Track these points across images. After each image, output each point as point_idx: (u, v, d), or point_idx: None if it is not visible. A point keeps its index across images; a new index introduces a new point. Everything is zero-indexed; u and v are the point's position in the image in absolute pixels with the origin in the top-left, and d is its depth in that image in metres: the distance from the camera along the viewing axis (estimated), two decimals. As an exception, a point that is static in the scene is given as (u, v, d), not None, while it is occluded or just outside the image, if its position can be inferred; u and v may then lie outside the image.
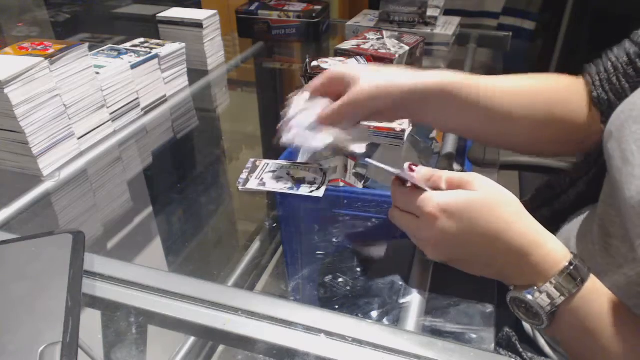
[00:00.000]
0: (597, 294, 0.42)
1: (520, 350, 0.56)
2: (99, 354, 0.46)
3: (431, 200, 0.45)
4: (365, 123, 0.68)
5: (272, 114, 1.13)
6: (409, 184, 0.49)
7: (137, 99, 0.85)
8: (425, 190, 0.47)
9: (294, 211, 0.70)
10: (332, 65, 0.97)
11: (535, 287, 0.42)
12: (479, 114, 0.58)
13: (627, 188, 0.43)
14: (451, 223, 0.45)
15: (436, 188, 0.47)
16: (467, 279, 0.51)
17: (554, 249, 0.44)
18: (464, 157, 0.75)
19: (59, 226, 0.65)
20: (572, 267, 0.42)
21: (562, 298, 0.41)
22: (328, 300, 0.58)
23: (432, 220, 0.45)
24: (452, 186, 0.47)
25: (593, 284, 0.42)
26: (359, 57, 1.00)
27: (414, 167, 0.48)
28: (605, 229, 0.51)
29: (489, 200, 0.45)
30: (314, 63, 0.96)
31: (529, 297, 0.42)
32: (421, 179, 0.47)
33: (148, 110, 0.89)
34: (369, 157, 0.80)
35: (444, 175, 0.47)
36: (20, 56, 0.67)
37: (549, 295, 0.42)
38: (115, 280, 0.48)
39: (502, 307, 0.50)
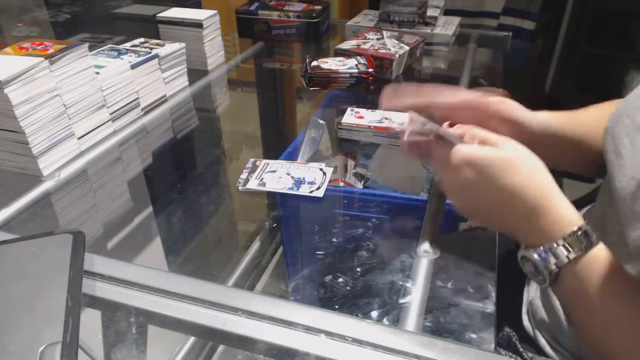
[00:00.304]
0: (600, 261, 0.43)
1: (521, 350, 0.56)
2: (99, 354, 0.46)
3: (458, 152, 0.48)
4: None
5: (272, 114, 1.13)
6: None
7: (137, 99, 0.85)
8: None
9: (294, 211, 0.70)
10: (332, 65, 0.97)
11: (542, 247, 0.44)
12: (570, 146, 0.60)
13: (618, 180, 0.45)
14: (472, 176, 0.47)
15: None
16: (467, 279, 0.51)
17: (566, 212, 0.45)
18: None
19: (59, 226, 0.65)
20: (580, 232, 0.43)
21: (567, 260, 0.43)
22: (328, 300, 0.58)
23: (456, 170, 0.48)
24: (482, 143, 0.50)
25: (599, 251, 0.43)
26: (359, 57, 1.00)
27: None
28: (602, 227, 0.52)
29: (511, 159, 0.47)
30: (314, 63, 0.96)
31: (535, 255, 0.44)
32: (454, 134, 0.51)
33: (148, 110, 0.89)
34: (369, 158, 0.80)
35: (476, 134, 0.50)
36: (20, 56, 0.67)
37: (554, 255, 0.43)
38: (115, 280, 0.48)
39: (502, 307, 0.51)
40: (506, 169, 0.46)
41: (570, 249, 0.43)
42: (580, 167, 0.63)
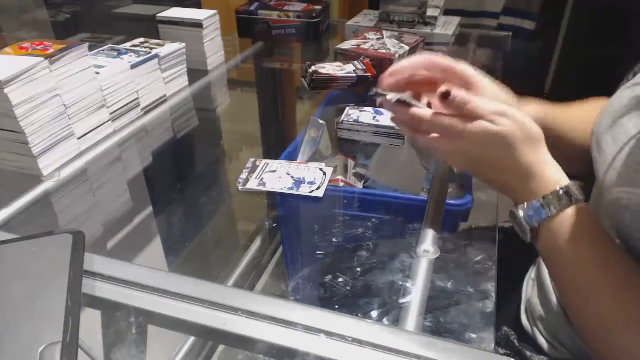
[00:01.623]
0: (578, 219, 0.45)
1: (519, 348, 0.56)
2: (99, 354, 0.46)
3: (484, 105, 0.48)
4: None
5: (272, 114, 1.13)
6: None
7: (137, 99, 0.85)
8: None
9: (294, 211, 0.70)
10: (330, 71, 0.97)
11: (526, 204, 0.47)
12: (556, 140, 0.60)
13: (602, 174, 0.47)
14: (473, 148, 0.49)
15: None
16: (467, 279, 0.51)
17: (553, 174, 0.47)
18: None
19: (59, 226, 0.65)
20: (562, 191, 0.45)
21: (545, 216, 0.45)
22: (328, 300, 0.58)
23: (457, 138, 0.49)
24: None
25: (578, 209, 0.45)
26: (356, 62, 1.00)
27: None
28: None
29: (522, 126, 0.48)
30: (312, 68, 0.96)
31: (520, 212, 0.47)
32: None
33: (148, 110, 0.89)
34: (369, 158, 0.80)
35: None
36: (20, 56, 0.67)
37: (535, 211, 0.46)
38: (115, 280, 0.48)
39: (501, 306, 0.51)
40: (519, 137, 0.47)
41: (550, 206, 0.45)
42: (564, 159, 0.64)
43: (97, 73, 0.75)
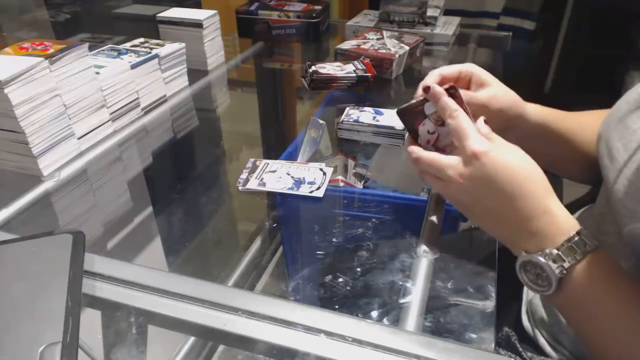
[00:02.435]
0: (604, 262, 0.43)
1: (520, 349, 0.56)
2: (99, 354, 0.46)
3: (456, 168, 0.48)
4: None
5: (272, 114, 1.13)
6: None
7: (137, 99, 0.85)
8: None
9: (294, 211, 0.70)
10: (330, 71, 0.97)
11: (547, 250, 0.43)
12: (565, 146, 0.61)
13: (614, 182, 0.46)
14: (471, 191, 0.48)
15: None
16: (467, 279, 0.51)
17: (567, 217, 0.45)
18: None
19: (59, 226, 0.65)
20: (580, 236, 0.43)
21: (571, 262, 0.43)
22: (328, 300, 0.58)
23: (457, 184, 0.48)
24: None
25: (600, 253, 0.43)
26: (356, 62, 1.00)
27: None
28: (601, 228, 0.52)
29: (510, 162, 0.47)
30: (312, 68, 0.96)
31: (541, 259, 0.43)
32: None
33: (148, 110, 0.89)
34: (369, 158, 0.80)
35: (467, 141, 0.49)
36: (20, 56, 0.67)
37: (559, 258, 0.43)
38: (115, 280, 0.48)
39: (502, 307, 0.51)
40: (506, 173, 0.46)
41: (574, 250, 0.43)
42: (562, 166, 0.64)
43: (97, 73, 0.75)
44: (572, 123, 0.62)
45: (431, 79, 0.56)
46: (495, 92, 0.56)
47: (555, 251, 0.43)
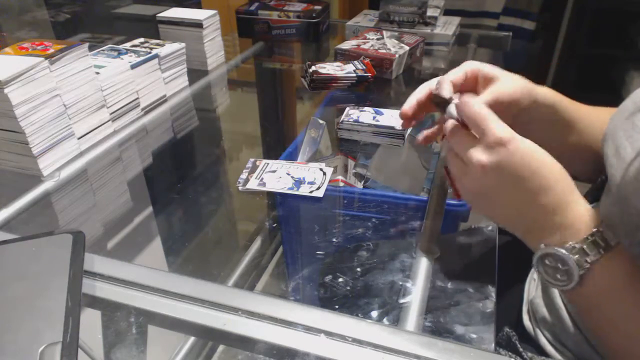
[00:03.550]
0: (625, 259, 0.42)
1: (520, 349, 0.56)
2: (99, 354, 0.46)
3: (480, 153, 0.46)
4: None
5: (272, 114, 1.13)
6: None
7: (137, 99, 0.85)
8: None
9: (294, 211, 0.70)
10: (330, 71, 0.97)
11: (571, 243, 0.42)
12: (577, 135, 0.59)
13: (620, 179, 0.45)
14: (494, 179, 0.45)
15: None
16: (467, 279, 0.51)
17: (590, 212, 0.44)
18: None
19: (59, 226, 0.65)
20: (603, 231, 0.42)
21: (596, 256, 0.42)
22: (328, 300, 0.58)
23: (478, 171, 0.46)
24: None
25: (621, 249, 0.43)
26: (356, 62, 1.00)
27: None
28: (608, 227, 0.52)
29: (530, 155, 0.45)
30: (312, 68, 0.96)
31: (564, 252, 0.42)
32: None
33: (148, 110, 0.89)
34: (369, 158, 0.80)
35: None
36: (20, 56, 0.67)
37: (584, 252, 0.42)
38: (115, 280, 0.48)
39: (501, 307, 0.50)
40: (534, 163, 0.45)
41: (598, 244, 0.42)
42: (565, 159, 0.63)
43: (97, 73, 0.75)
44: (579, 112, 0.60)
45: (422, 93, 0.55)
46: (503, 85, 0.54)
47: (579, 245, 0.42)
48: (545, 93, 0.57)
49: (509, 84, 0.54)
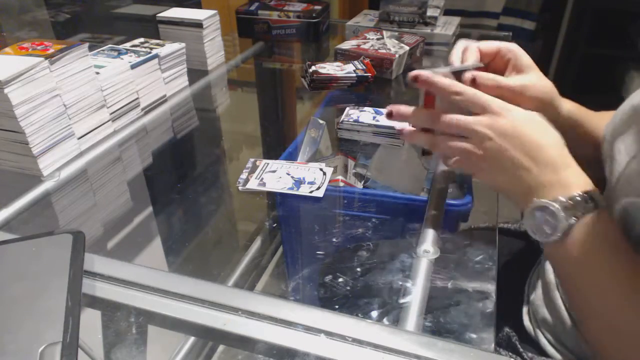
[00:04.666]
0: (608, 222, 0.44)
1: (521, 350, 0.56)
2: (99, 354, 0.46)
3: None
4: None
5: (272, 114, 1.13)
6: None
7: (137, 99, 0.85)
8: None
9: (294, 211, 0.70)
10: (330, 71, 0.97)
11: (561, 198, 0.44)
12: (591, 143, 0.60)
13: (614, 181, 0.47)
14: (500, 142, 0.48)
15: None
16: (467, 279, 0.51)
17: (583, 173, 0.46)
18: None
19: (59, 226, 0.65)
20: (594, 191, 0.44)
21: (584, 213, 0.43)
22: (328, 300, 0.58)
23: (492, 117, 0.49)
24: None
25: (606, 213, 0.44)
26: (356, 62, 1.00)
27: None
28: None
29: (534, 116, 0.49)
30: (312, 69, 0.96)
31: (556, 205, 0.44)
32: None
33: (148, 110, 0.89)
34: (369, 158, 0.80)
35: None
36: (20, 56, 0.67)
37: (573, 207, 0.44)
38: (115, 280, 0.48)
39: (501, 307, 0.50)
40: (534, 125, 0.48)
41: (587, 202, 0.44)
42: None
43: (97, 73, 0.75)
44: (595, 118, 0.61)
45: (458, 55, 0.57)
46: (534, 80, 0.55)
47: (569, 201, 0.44)
48: (568, 106, 0.58)
49: (538, 82, 0.55)
